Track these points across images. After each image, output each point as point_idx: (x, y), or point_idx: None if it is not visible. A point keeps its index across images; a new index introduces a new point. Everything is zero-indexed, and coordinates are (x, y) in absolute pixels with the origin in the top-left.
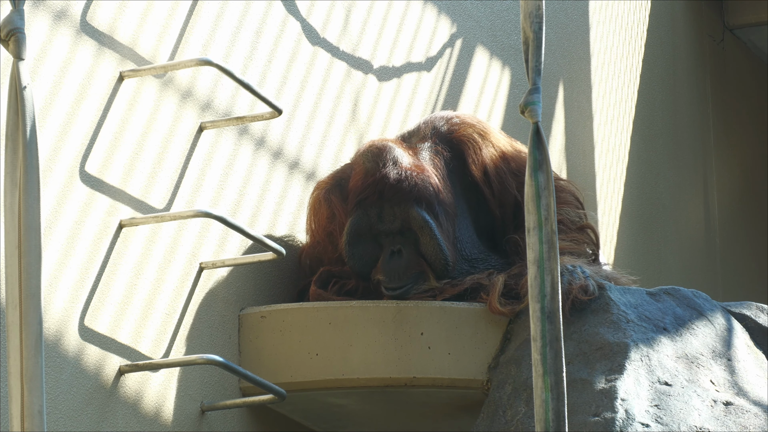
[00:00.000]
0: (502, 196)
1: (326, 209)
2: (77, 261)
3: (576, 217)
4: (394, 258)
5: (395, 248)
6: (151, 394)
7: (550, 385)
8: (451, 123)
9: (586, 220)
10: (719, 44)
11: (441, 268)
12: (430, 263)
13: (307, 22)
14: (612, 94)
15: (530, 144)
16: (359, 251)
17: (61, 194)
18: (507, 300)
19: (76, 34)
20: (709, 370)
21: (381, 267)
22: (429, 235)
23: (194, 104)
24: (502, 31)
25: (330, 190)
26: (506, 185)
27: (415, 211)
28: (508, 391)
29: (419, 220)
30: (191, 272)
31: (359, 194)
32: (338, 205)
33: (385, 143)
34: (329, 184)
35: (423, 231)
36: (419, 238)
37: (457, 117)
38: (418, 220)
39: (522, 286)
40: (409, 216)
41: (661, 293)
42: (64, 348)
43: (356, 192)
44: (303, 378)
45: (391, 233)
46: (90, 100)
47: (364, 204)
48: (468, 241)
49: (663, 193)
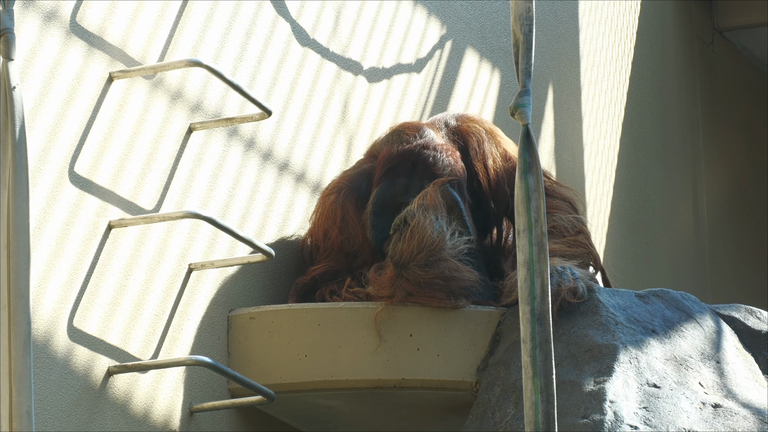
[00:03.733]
0: (497, 193)
1: (339, 218)
2: (66, 262)
3: (567, 223)
4: None
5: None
6: (140, 395)
7: (540, 387)
8: (460, 119)
9: (580, 226)
10: (709, 46)
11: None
12: None
13: (297, 24)
14: (601, 97)
15: (520, 146)
16: (381, 223)
17: (51, 195)
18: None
19: (65, 35)
20: (697, 372)
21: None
22: (458, 216)
23: (184, 105)
24: (492, 33)
25: (347, 195)
26: (501, 183)
27: (447, 189)
28: (497, 392)
29: (450, 198)
30: (180, 273)
31: (390, 162)
32: (352, 213)
33: (419, 123)
34: (346, 188)
35: (452, 210)
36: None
37: (467, 116)
38: (449, 199)
39: (505, 285)
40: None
41: (650, 295)
42: (52, 348)
43: (387, 160)
44: (292, 379)
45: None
46: (79, 100)
47: (393, 173)
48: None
49: (652, 195)
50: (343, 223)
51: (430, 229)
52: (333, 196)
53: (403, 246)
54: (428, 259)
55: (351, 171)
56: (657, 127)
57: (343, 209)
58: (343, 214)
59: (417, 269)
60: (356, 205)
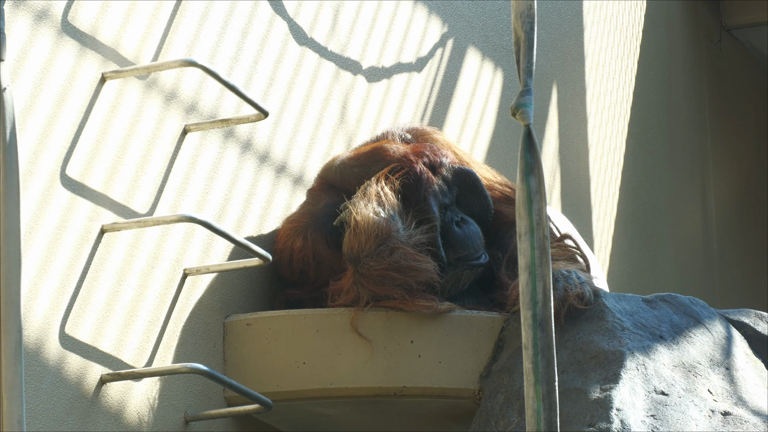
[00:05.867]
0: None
1: (313, 263)
2: (58, 267)
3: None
4: (462, 227)
5: (457, 217)
6: (134, 404)
7: (542, 395)
8: (414, 133)
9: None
10: (716, 45)
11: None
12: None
13: (294, 22)
14: (607, 96)
15: (521, 147)
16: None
17: (42, 199)
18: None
19: (57, 35)
20: (706, 379)
21: (455, 241)
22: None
23: (178, 106)
24: (494, 31)
25: (315, 238)
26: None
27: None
28: (501, 400)
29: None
30: (175, 279)
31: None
32: (327, 254)
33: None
34: (312, 229)
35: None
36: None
37: (421, 130)
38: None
39: (510, 295)
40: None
41: (658, 300)
42: (44, 356)
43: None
44: (290, 387)
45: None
46: (71, 102)
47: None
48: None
49: (659, 197)
50: (320, 266)
51: (375, 217)
52: (300, 241)
53: (351, 239)
54: (378, 247)
55: (311, 207)
56: (663, 128)
57: (316, 253)
58: (318, 259)
59: (369, 261)
60: (329, 245)
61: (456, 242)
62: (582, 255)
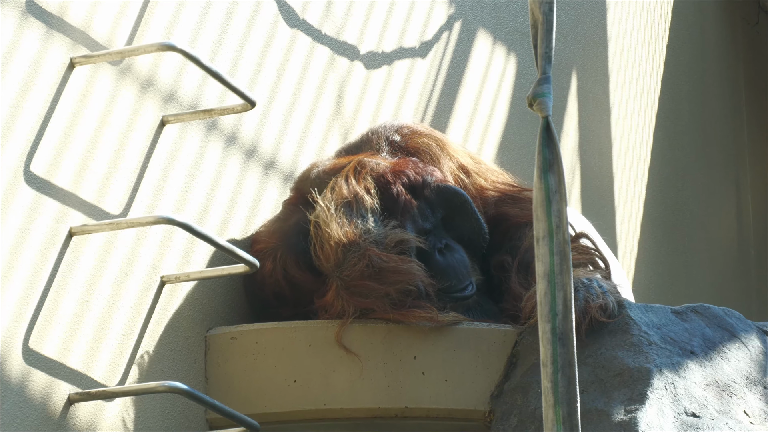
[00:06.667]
0: None
1: (287, 287)
2: (21, 274)
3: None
4: (445, 255)
5: (440, 244)
6: (105, 427)
7: (562, 417)
8: (403, 133)
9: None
10: (754, 28)
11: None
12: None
13: (284, 2)
14: (632, 85)
15: (539, 141)
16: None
17: (4, 198)
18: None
19: (21, 16)
20: (742, 399)
21: (436, 270)
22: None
23: (155, 95)
24: (507, 12)
25: (285, 261)
26: None
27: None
28: (514, 423)
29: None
30: (152, 287)
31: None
32: (301, 276)
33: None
34: (282, 251)
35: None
36: (455, 220)
37: (411, 128)
38: (458, 198)
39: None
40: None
41: (689, 312)
42: (6, 374)
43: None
44: (279, 408)
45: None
46: (36, 90)
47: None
48: None
49: (690, 197)
50: (296, 288)
51: (337, 221)
52: (269, 264)
53: (318, 253)
54: (345, 255)
55: (281, 223)
56: (695, 119)
57: (288, 276)
58: (292, 281)
59: (343, 271)
60: (300, 267)
61: (438, 272)
62: (602, 258)
